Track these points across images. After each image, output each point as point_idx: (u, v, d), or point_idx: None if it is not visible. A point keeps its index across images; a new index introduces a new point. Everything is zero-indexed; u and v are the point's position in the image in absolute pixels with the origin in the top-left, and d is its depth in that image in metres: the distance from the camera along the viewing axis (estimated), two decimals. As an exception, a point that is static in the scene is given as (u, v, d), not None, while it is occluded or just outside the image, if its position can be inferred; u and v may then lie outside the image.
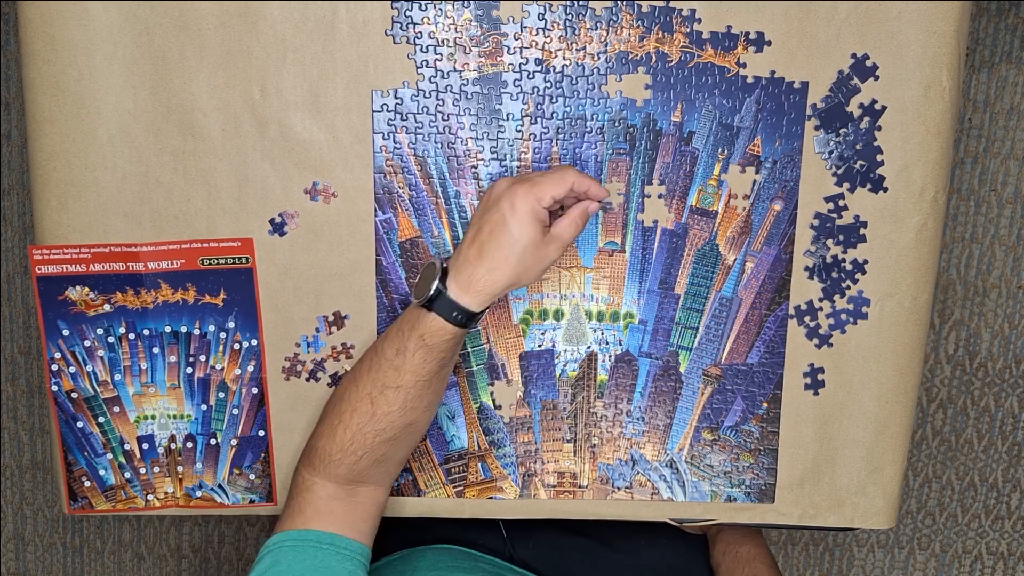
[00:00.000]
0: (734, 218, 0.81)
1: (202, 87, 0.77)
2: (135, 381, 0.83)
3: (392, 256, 0.81)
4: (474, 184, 0.80)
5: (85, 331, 0.81)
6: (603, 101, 0.79)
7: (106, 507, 0.85)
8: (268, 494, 0.85)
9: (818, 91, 0.78)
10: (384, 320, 0.81)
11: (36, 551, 1.64)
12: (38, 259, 0.80)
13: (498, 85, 0.78)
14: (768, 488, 0.85)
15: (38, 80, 0.77)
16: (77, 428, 0.83)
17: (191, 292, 0.81)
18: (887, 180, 0.80)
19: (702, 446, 0.85)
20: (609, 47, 0.78)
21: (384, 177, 0.79)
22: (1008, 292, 1.52)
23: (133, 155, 0.78)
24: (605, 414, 0.84)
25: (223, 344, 0.82)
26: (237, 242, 0.80)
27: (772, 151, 0.80)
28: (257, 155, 0.79)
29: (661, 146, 0.79)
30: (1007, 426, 1.56)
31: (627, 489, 0.86)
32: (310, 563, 0.71)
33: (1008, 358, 1.54)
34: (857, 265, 0.82)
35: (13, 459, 1.61)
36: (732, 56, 0.78)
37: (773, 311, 0.82)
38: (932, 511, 1.61)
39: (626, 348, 0.83)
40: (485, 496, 0.85)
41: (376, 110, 0.78)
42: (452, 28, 0.77)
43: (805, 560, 1.62)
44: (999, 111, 1.47)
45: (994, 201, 1.50)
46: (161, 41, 0.77)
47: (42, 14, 0.76)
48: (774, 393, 0.84)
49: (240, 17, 0.76)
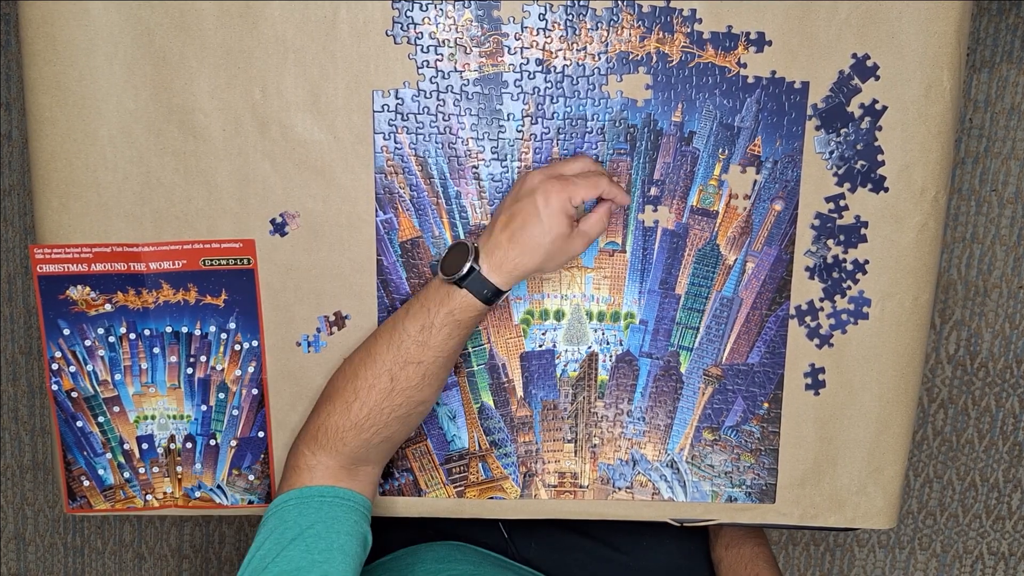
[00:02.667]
0: (735, 218, 0.81)
1: (203, 87, 0.77)
2: (135, 381, 0.83)
3: (393, 256, 0.81)
4: (475, 184, 0.80)
5: (86, 330, 0.81)
6: (604, 101, 0.79)
7: (105, 507, 0.85)
8: (267, 495, 0.85)
9: (819, 91, 0.78)
10: (384, 320, 0.81)
11: (37, 551, 1.64)
12: (40, 258, 0.80)
13: (499, 85, 0.78)
14: (769, 488, 0.85)
15: (39, 80, 0.77)
16: (77, 427, 0.83)
17: (192, 292, 0.81)
18: (888, 180, 0.80)
19: (703, 446, 0.85)
20: (610, 47, 0.78)
21: (385, 177, 0.79)
22: (1009, 292, 1.52)
23: (134, 155, 0.78)
24: (606, 414, 0.84)
25: (224, 345, 0.82)
26: (239, 243, 0.80)
27: (773, 151, 0.80)
28: (258, 155, 0.79)
29: (662, 146, 0.79)
30: (1008, 426, 1.56)
31: (628, 489, 0.85)
32: (315, 516, 0.72)
33: (1009, 358, 1.54)
34: (858, 265, 0.82)
35: (14, 459, 1.61)
36: (733, 56, 0.78)
37: (774, 311, 0.82)
38: (933, 511, 1.60)
39: (627, 348, 0.83)
40: (486, 496, 0.85)
41: (377, 110, 0.78)
42: (453, 28, 0.77)
43: (806, 560, 1.62)
44: (1000, 111, 1.47)
45: (995, 201, 1.49)
46: (162, 41, 0.77)
47: (43, 14, 0.76)
48: (775, 393, 0.84)
49: (241, 17, 0.76)
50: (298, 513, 0.72)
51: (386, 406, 0.74)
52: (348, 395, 0.74)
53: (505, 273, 0.73)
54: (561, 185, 0.72)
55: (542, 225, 0.72)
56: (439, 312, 0.73)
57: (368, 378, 0.74)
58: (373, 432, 0.75)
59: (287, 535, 0.70)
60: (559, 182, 0.72)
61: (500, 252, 0.73)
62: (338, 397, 0.75)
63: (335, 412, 0.75)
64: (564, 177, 0.73)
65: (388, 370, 0.74)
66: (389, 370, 0.74)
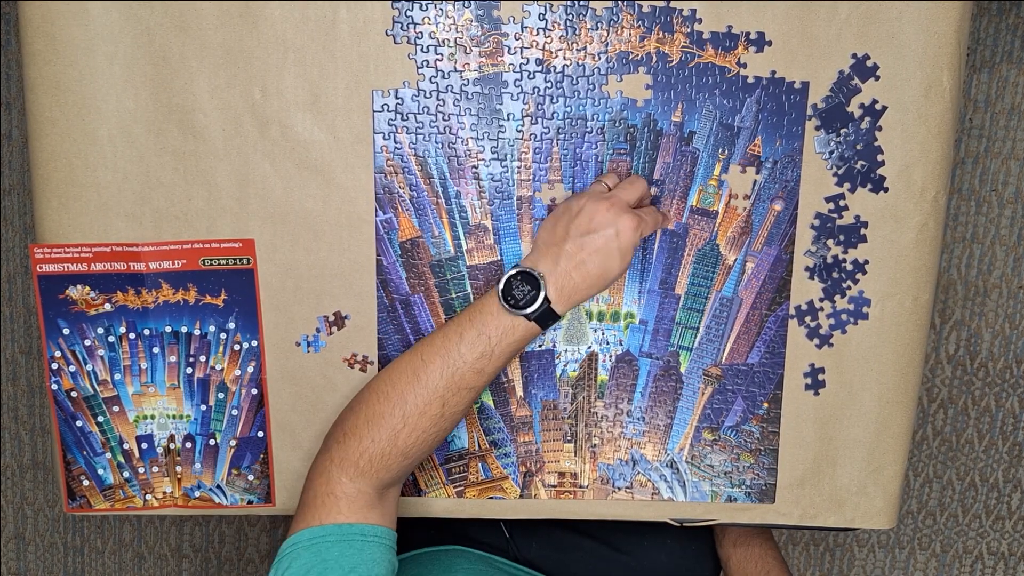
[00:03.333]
0: (734, 218, 0.81)
1: (203, 87, 0.77)
2: (135, 381, 0.83)
3: (393, 256, 0.81)
4: (474, 184, 0.80)
5: (85, 330, 0.81)
6: (604, 101, 0.79)
7: (104, 506, 0.85)
8: (267, 495, 0.85)
9: (819, 91, 0.78)
10: (384, 320, 0.81)
11: (37, 551, 1.64)
12: (39, 258, 0.80)
13: (499, 85, 0.78)
14: (768, 488, 0.85)
15: (39, 80, 0.77)
16: (76, 427, 0.83)
17: (192, 292, 0.81)
18: (888, 180, 0.80)
19: (703, 446, 0.85)
20: (610, 47, 0.78)
21: (385, 177, 0.79)
22: (1009, 292, 1.52)
23: (134, 155, 0.78)
24: (606, 414, 0.84)
25: (223, 345, 0.82)
26: (238, 243, 0.80)
27: (773, 151, 0.80)
28: (258, 155, 0.79)
29: (662, 146, 0.79)
30: (1008, 426, 1.56)
31: (627, 489, 0.86)
32: (357, 558, 0.69)
33: (1009, 358, 1.54)
34: (858, 265, 0.82)
35: (14, 459, 1.61)
36: (733, 56, 0.78)
37: (774, 311, 0.82)
38: (933, 511, 1.60)
39: (626, 348, 0.83)
40: (485, 496, 0.85)
41: (377, 110, 0.78)
42: (453, 28, 0.77)
43: (806, 560, 1.62)
44: (1000, 111, 1.47)
45: (995, 201, 1.49)
46: (162, 41, 0.77)
47: (43, 14, 0.76)
48: (774, 393, 0.84)
49: (240, 17, 0.76)
50: (339, 553, 0.69)
51: (434, 431, 0.73)
52: (395, 422, 0.72)
53: (566, 303, 0.74)
54: (635, 224, 0.73)
55: (615, 261, 0.73)
56: (501, 342, 0.73)
57: (419, 404, 0.72)
58: (416, 457, 0.74)
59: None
60: (632, 220, 0.73)
61: (570, 286, 0.73)
62: (383, 424, 0.72)
63: (381, 440, 0.72)
64: (634, 213, 0.74)
65: (440, 396, 0.73)
66: (442, 396, 0.73)
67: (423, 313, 0.82)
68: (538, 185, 0.80)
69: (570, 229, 0.74)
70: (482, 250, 0.81)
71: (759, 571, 0.94)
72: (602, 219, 0.73)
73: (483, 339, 0.73)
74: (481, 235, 0.81)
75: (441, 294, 0.81)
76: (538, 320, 0.73)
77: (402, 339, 0.82)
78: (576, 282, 0.73)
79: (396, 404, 0.73)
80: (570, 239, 0.73)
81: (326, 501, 0.72)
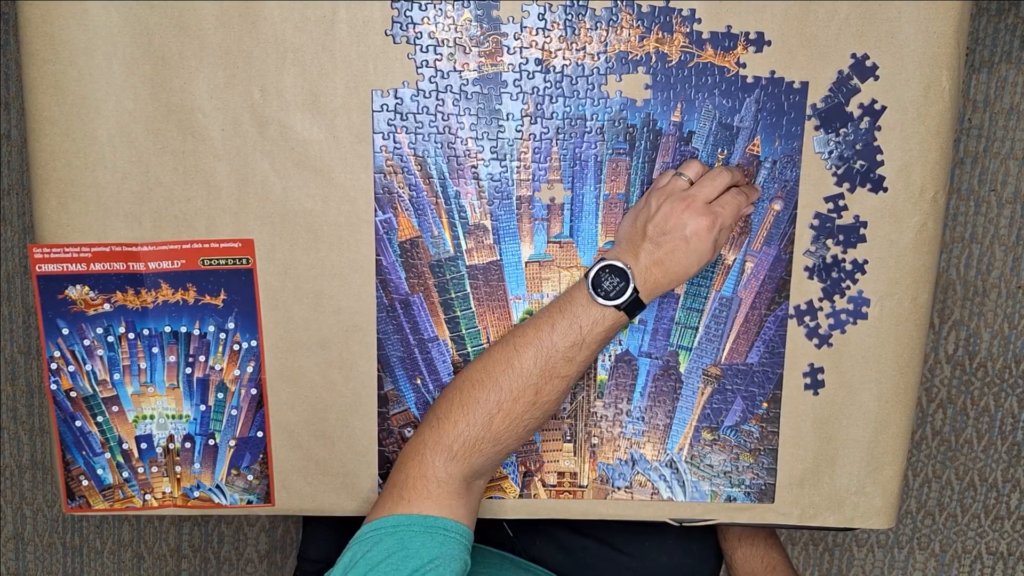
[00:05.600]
0: (734, 218, 0.81)
1: (202, 87, 0.77)
2: (134, 381, 0.83)
3: (392, 256, 0.81)
4: (474, 184, 0.80)
5: (85, 330, 0.81)
6: (603, 101, 0.79)
7: (104, 506, 0.85)
8: (266, 495, 0.85)
9: (818, 91, 0.78)
10: (384, 320, 0.81)
11: (36, 551, 1.64)
12: (38, 258, 0.80)
13: (498, 85, 0.78)
14: (768, 488, 0.85)
15: (38, 80, 0.77)
16: (75, 427, 0.83)
17: (191, 292, 0.81)
18: (887, 180, 0.80)
19: (702, 446, 0.85)
20: (609, 47, 0.78)
21: (384, 177, 0.79)
22: (1008, 292, 1.52)
23: (133, 155, 0.78)
24: (605, 414, 0.84)
25: (223, 345, 0.82)
26: (238, 243, 0.80)
27: (772, 151, 0.80)
28: (257, 155, 0.79)
29: (661, 146, 0.80)
30: (1007, 426, 1.57)
31: (627, 489, 0.86)
32: (438, 550, 0.69)
33: (1008, 358, 1.54)
34: (857, 265, 0.82)
35: (13, 459, 1.61)
36: (732, 56, 0.78)
37: (773, 311, 0.82)
38: (932, 511, 1.61)
39: (626, 348, 0.83)
40: (485, 496, 0.85)
41: (376, 110, 0.78)
42: (452, 28, 0.77)
43: (805, 560, 1.62)
44: (999, 111, 1.47)
45: (994, 201, 1.50)
46: (161, 41, 0.77)
47: (42, 14, 0.76)
48: (774, 393, 0.84)
49: (240, 17, 0.76)
50: (421, 544, 0.69)
51: (527, 418, 0.75)
52: (490, 407, 0.74)
53: (650, 294, 0.76)
54: (709, 224, 0.74)
55: (692, 259, 0.75)
56: (592, 331, 0.75)
57: (513, 390, 0.74)
58: (506, 445, 0.75)
59: (408, 564, 0.68)
60: (706, 220, 0.74)
61: (651, 279, 0.75)
62: (478, 408, 0.74)
63: (475, 424, 0.74)
64: (709, 212, 0.74)
65: (534, 384, 0.74)
66: (535, 384, 0.74)
67: (422, 313, 0.82)
68: (537, 185, 0.80)
69: (647, 229, 0.75)
70: (481, 250, 0.81)
71: (763, 567, 0.94)
72: (677, 221, 0.74)
73: (575, 328, 0.75)
74: (480, 235, 0.81)
75: (440, 294, 0.81)
76: (627, 310, 0.75)
77: (401, 339, 0.82)
78: (657, 277, 0.75)
79: (491, 390, 0.74)
80: (648, 239, 0.75)
81: (417, 484, 0.73)
